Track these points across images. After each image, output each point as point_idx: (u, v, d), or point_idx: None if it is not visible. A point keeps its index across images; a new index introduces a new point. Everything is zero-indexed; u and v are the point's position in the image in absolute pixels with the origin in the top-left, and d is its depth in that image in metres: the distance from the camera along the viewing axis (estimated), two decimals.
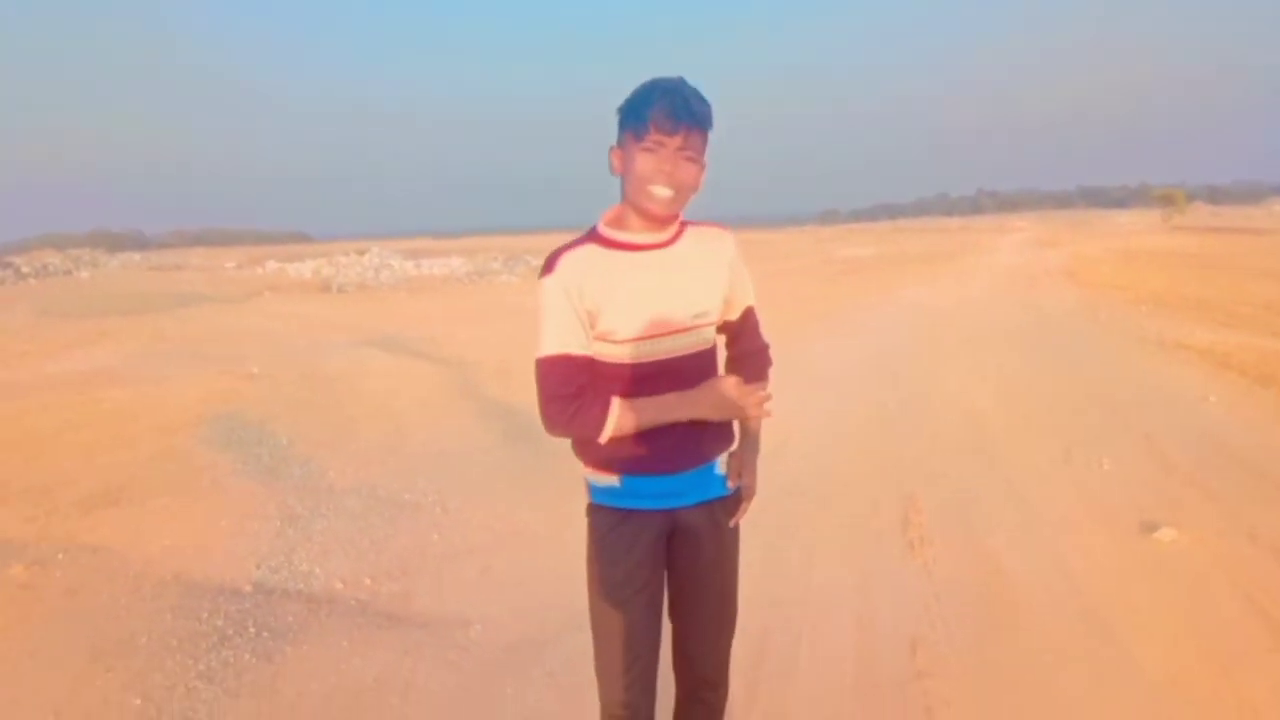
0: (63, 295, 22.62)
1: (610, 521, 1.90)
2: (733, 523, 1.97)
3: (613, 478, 1.89)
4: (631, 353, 1.81)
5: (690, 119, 1.69)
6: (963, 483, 4.82)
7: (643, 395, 1.80)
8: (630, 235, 1.81)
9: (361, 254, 36.24)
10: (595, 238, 1.83)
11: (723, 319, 1.98)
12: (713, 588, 1.97)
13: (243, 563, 3.91)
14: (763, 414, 1.84)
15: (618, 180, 1.80)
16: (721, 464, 1.96)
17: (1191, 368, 7.57)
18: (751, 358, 2.05)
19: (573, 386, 1.76)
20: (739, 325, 2.03)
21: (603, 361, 1.81)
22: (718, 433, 1.92)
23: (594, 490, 1.94)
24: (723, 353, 2.03)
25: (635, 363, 1.82)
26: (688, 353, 1.84)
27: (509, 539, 4.16)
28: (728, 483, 1.96)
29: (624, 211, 1.81)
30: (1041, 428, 5.88)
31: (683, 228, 1.88)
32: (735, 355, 2.06)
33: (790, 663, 3.04)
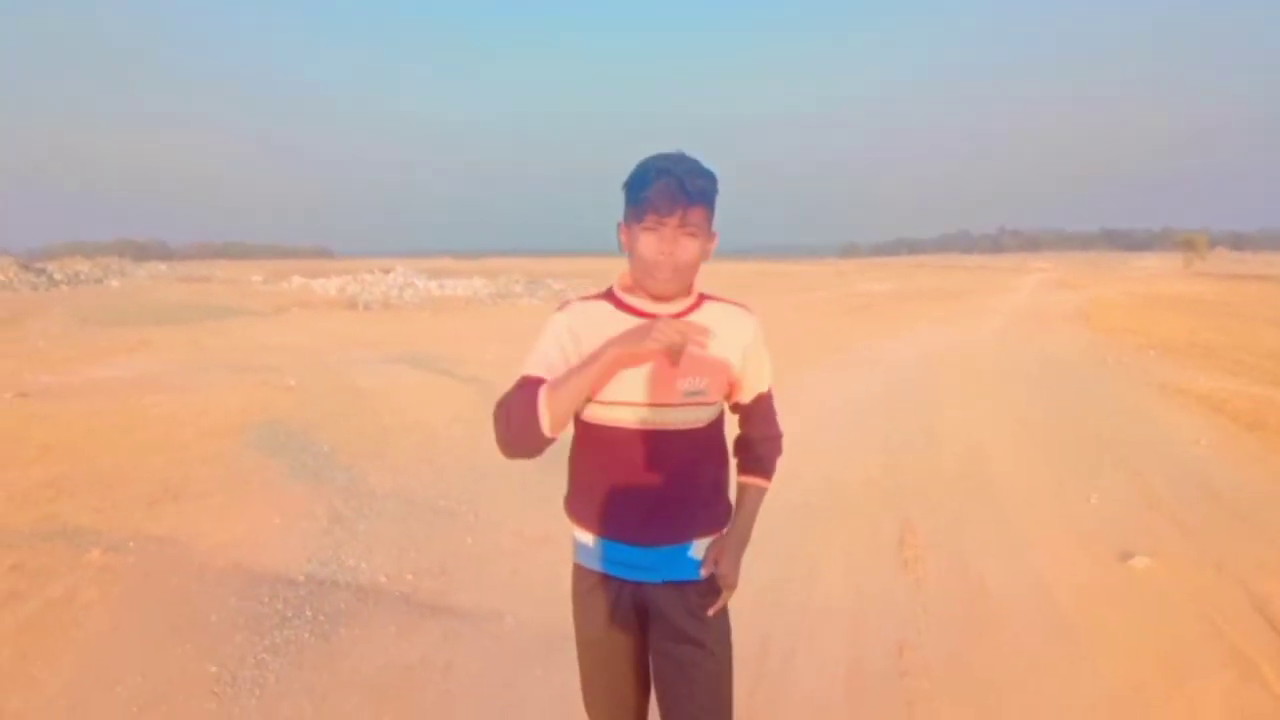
0: (97, 303, 23.23)
1: (585, 584, 1.93)
2: (709, 613, 1.86)
3: (587, 536, 1.90)
4: (615, 416, 1.79)
5: (687, 199, 1.68)
6: (957, 509, 5.18)
7: (628, 464, 1.80)
8: (640, 302, 1.81)
9: (386, 273, 36.86)
10: (610, 296, 1.85)
11: (733, 401, 1.96)
12: (696, 678, 1.84)
13: (295, 556, 4.30)
14: (680, 341, 1.68)
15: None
16: (698, 548, 1.88)
17: (1187, 412, 7.89)
18: (759, 444, 2.00)
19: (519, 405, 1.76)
20: (750, 409, 1.99)
21: (589, 423, 1.83)
22: (700, 513, 1.88)
23: (576, 547, 1.96)
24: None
25: (618, 427, 1.79)
26: (676, 428, 1.80)
27: (537, 545, 4.53)
28: (700, 569, 1.87)
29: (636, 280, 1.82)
30: (1036, 463, 6.22)
31: (701, 301, 1.86)
32: (743, 441, 2.02)
33: (788, 659, 3.39)
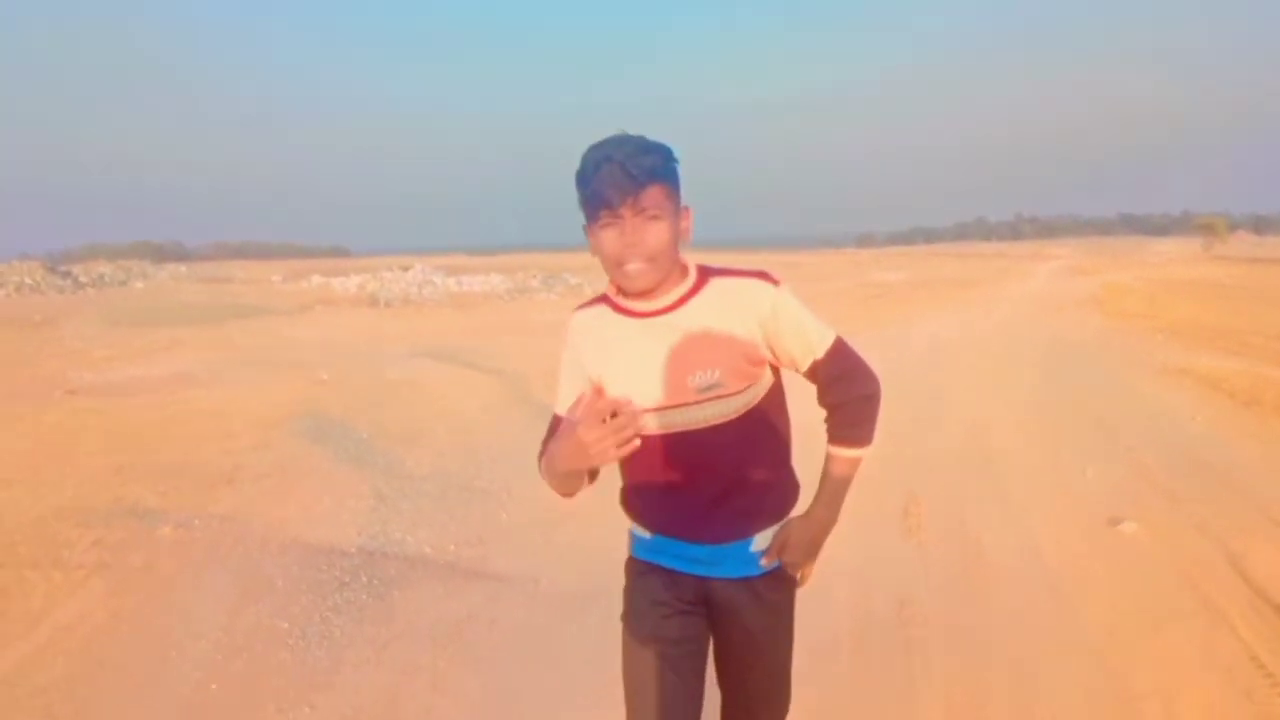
0: (125, 305, 23.75)
1: (639, 572, 1.86)
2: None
3: (645, 531, 1.85)
4: (648, 424, 1.71)
5: (634, 182, 1.55)
6: (959, 482, 5.52)
7: (664, 468, 1.75)
8: (631, 302, 1.72)
9: (405, 270, 37.34)
10: (606, 299, 1.78)
11: (800, 371, 1.80)
12: (759, 666, 1.86)
13: (346, 531, 4.70)
14: (608, 458, 1.56)
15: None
16: (761, 540, 1.80)
17: (1186, 391, 8.18)
18: (837, 413, 1.85)
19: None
20: (817, 376, 1.81)
21: None
22: (755, 506, 1.80)
23: (633, 541, 1.91)
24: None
25: (654, 434, 1.72)
26: (699, 427, 1.71)
27: (567, 517, 4.90)
28: (762, 560, 1.80)
29: None
30: (1037, 439, 6.55)
31: (703, 283, 1.73)
32: (826, 408, 1.86)
33: (801, 607, 3.75)
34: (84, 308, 22.43)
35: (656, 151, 1.59)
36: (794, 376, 1.84)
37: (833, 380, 1.81)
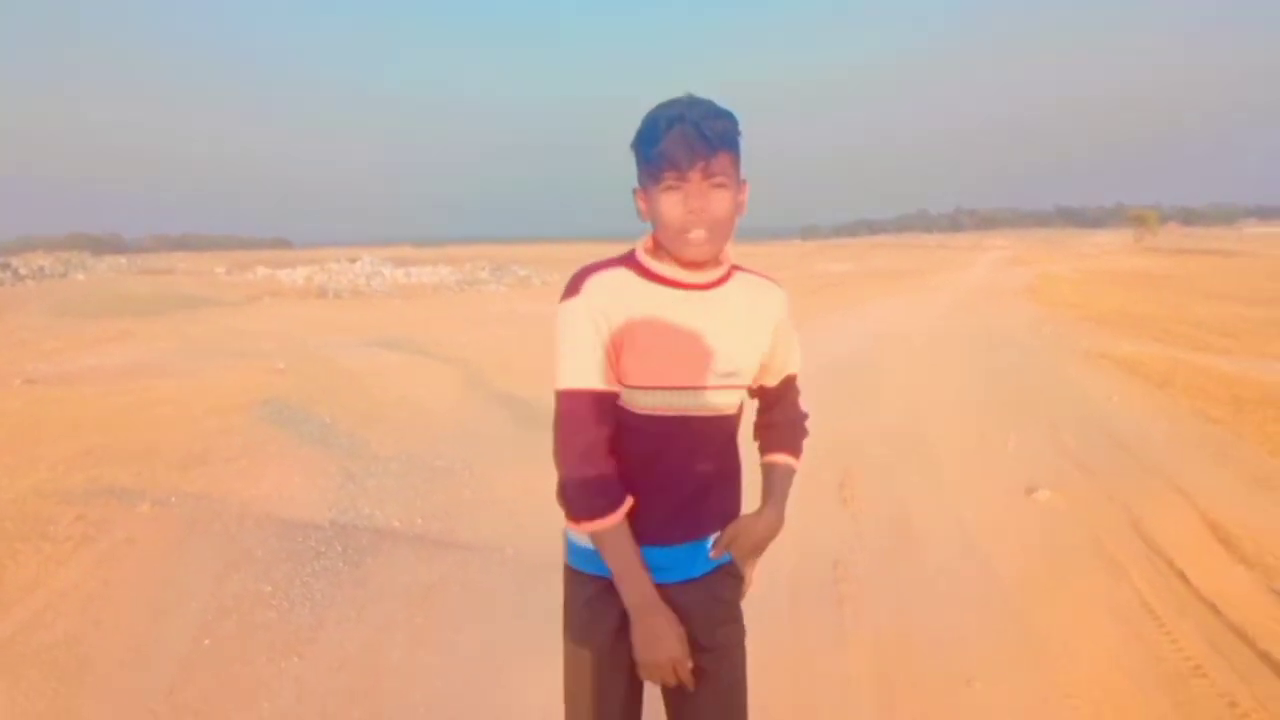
0: (68, 296, 23.44)
1: (586, 590, 1.72)
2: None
3: (584, 536, 1.70)
4: (643, 401, 1.63)
5: (707, 146, 1.49)
6: (891, 458, 5.93)
7: (660, 454, 1.65)
8: (670, 270, 1.62)
9: (353, 261, 37.20)
10: (631, 263, 1.64)
11: (758, 384, 1.81)
12: (714, 694, 1.71)
13: (317, 507, 4.95)
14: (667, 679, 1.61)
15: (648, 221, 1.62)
16: (713, 538, 1.75)
17: (1105, 374, 8.72)
18: (784, 428, 1.86)
19: (586, 437, 1.62)
20: (777, 393, 1.85)
21: (623, 408, 1.65)
22: (719, 505, 1.76)
23: (571, 550, 1.77)
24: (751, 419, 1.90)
25: (647, 414, 1.64)
26: (707, 414, 1.66)
27: (527, 495, 5.19)
28: (710, 551, 1.73)
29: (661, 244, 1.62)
30: (965, 420, 7.00)
31: (732, 272, 1.68)
32: (766, 423, 1.87)
33: None
34: (27, 300, 22.12)
35: (729, 117, 1.53)
36: None
37: (791, 398, 1.87)
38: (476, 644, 3.47)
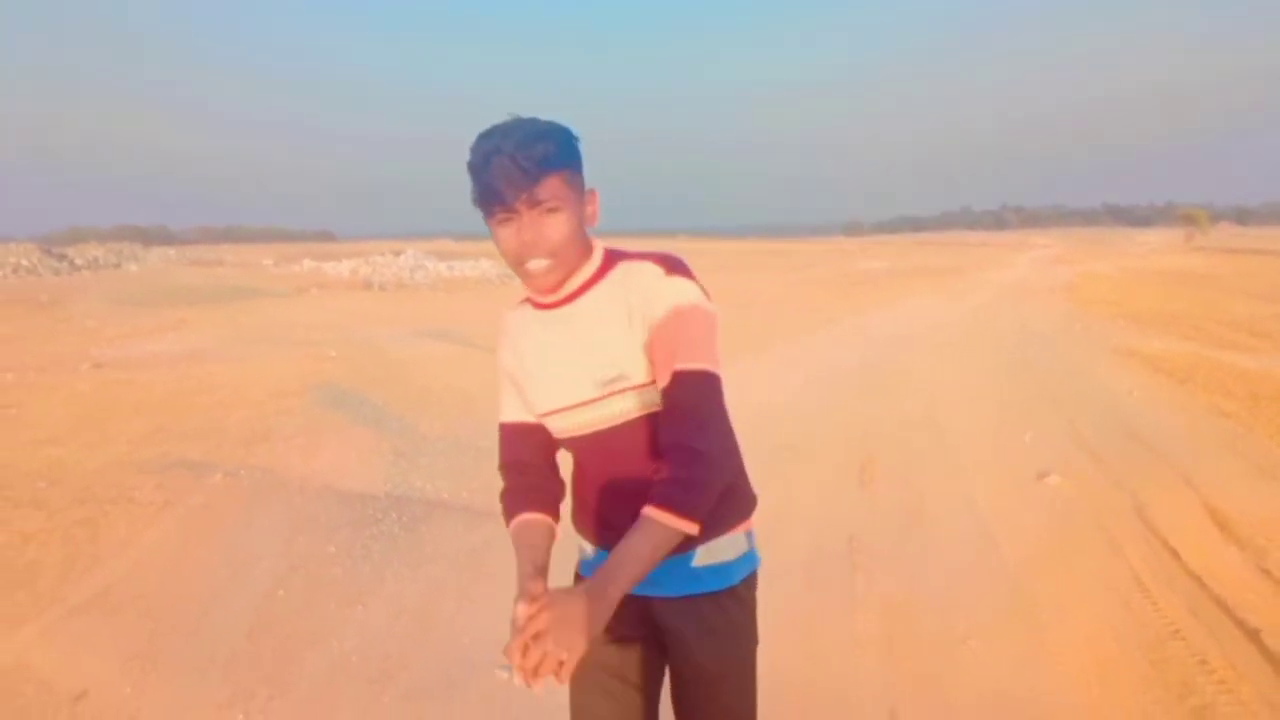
0: (124, 286, 24.23)
1: None
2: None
3: (588, 545, 1.72)
4: (553, 426, 1.62)
5: (527, 177, 1.40)
6: (912, 445, 6.23)
7: (592, 472, 1.64)
8: (539, 294, 1.57)
9: (396, 255, 37.83)
10: (527, 296, 1.64)
11: (660, 386, 1.51)
12: (712, 710, 1.65)
13: (372, 480, 5.36)
14: (529, 683, 1.31)
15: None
16: (704, 554, 1.61)
17: (1130, 370, 8.92)
18: (665, 457, 1.47)
19: (508, 456, 1.69)
20: (669, 399, 1.49)
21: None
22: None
23: (580, 559, 1.79)
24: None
25: (563, 437, 1.63)
26: (606, 427, 1.55)
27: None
28: (714, 579, 1.63)
29: None
30: (985, 410, 7.27)
31: (607, 267, 1.57)
32: (660, 449, 1.50)
33: (764, 543, 4.44)
34: (85, 289, 22.94)
35: (549, 137, 1.43)
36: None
37: (680, 409, 1.48)
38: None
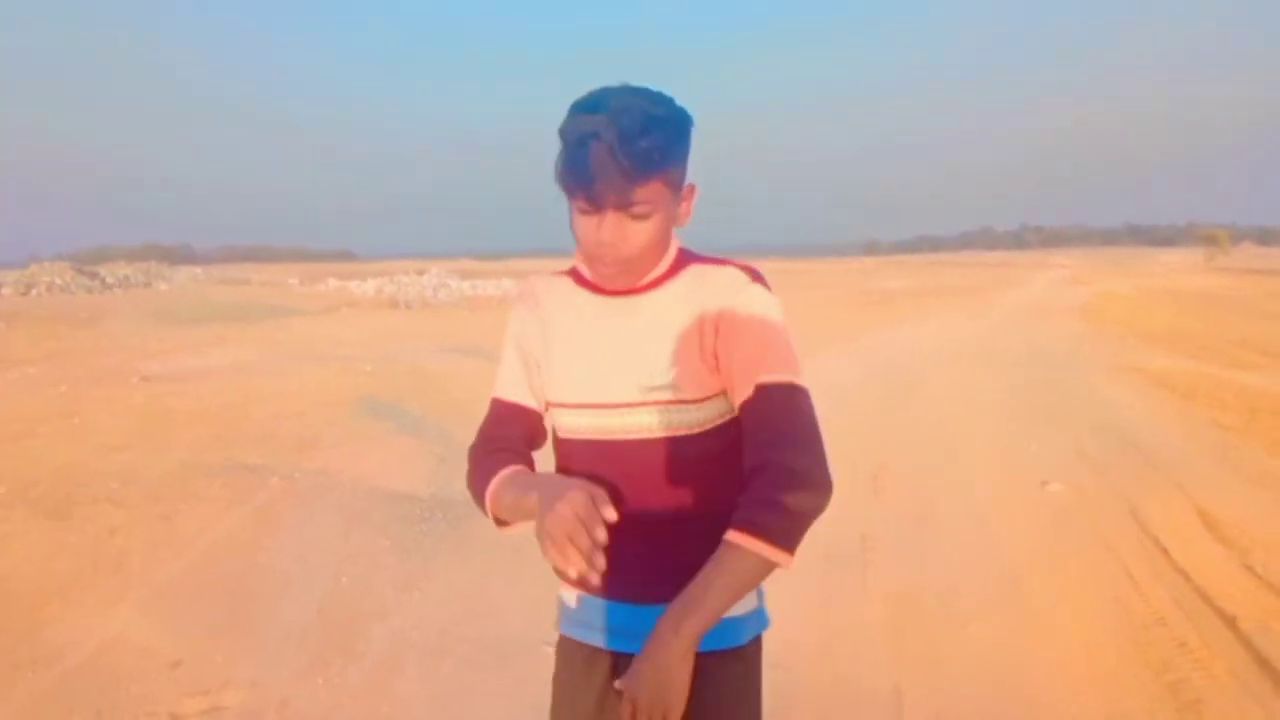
0: (158, 304, 24.85)
1: (574, 658, 1.51)
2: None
3: (570, 594, 1.52)
4: (564, 422, 1.46)
5: (624, 177, 1.22)
6: (922, 456, 6.60)
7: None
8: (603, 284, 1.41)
9: (420, 274, 38.45)
10: (574, 270, 1.50)
11: (738, 400, 1.35)
12: None
13: (416, 483, 5.77)
14: (574, 573, 1.14)
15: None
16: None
17: (1133, 386, 9.25)
18: (753, 478, 1.29)
19: (488, 432, 1.53)
20: (749, 414, 1.33)
21: (557, 434, 1.51)
22: (695, 558, 1.27)
23: (560, 611, 1.57)
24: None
25: (573, 439, 1.45)
26: (625, 438, 1.39)
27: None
28: (723, 637, 1.36)
29: None
30: (992, 423, 7.63)
31: (680, 266, 1.42)
32: (746, 470, 1.32)
33: None
34: (121, 307, 23.55)
35: (660, 129, 1.23)
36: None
37: (765, 425, 1.31)
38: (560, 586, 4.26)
